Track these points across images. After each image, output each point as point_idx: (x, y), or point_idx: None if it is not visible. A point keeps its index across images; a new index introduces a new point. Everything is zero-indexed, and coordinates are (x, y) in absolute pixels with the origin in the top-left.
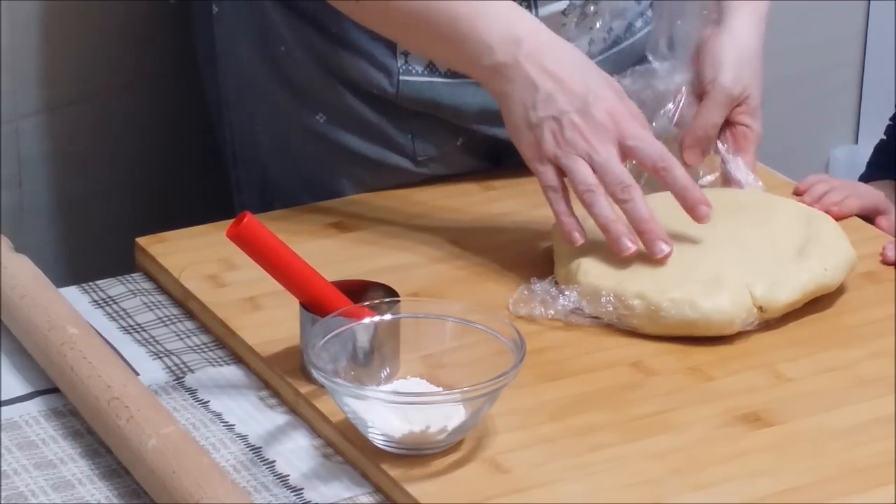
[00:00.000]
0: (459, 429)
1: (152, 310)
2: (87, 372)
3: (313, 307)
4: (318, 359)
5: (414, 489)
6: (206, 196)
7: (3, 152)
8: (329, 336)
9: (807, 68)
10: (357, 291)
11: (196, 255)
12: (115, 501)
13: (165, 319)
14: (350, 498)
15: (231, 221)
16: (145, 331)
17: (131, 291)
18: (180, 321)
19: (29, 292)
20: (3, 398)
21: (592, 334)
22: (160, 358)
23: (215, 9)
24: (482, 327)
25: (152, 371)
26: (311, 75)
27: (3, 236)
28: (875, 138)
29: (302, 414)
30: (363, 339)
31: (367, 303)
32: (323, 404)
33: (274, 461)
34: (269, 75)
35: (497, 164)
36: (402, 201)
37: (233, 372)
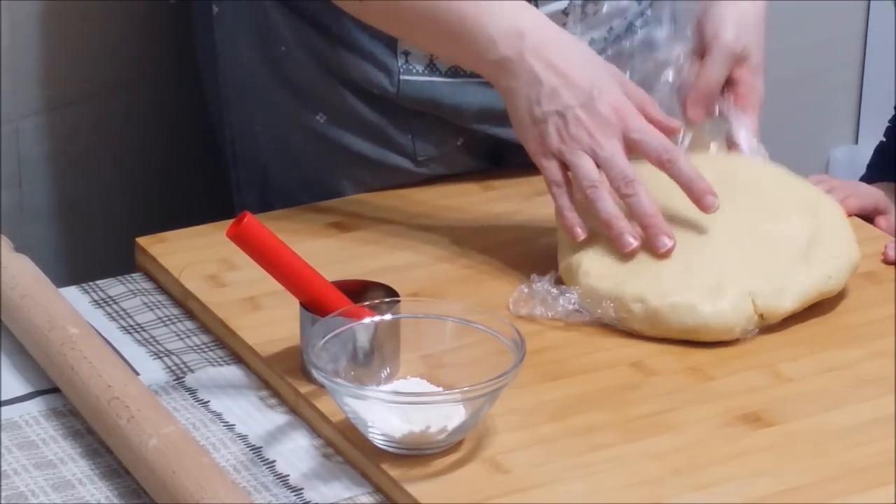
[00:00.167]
0: (459, 429)
1: (152, 310)
2: (88, 372)
3: (313, 307)
4: (318, 359)
5: (414, 489)
6: (206, 196)
7: (3, 152)
8: (329, 336)
9: (807, 68)
10: (357, 291)
11: (196, 255)
12: (116, 501)
13: (165, 319)
14: (350, 498)
15: (231, 221)
16: (145, 331)
17: (131, 291)
18: (180, 321)
19: (29, 292)
20: (3, 398)
21: (592, 334)
22: (160, 358)
23: (215, 9)
24: (482, 327)
25: (152, 371)
26: (312, 75)
27: (3, 236)
28: (875, 139)
29: (302, 414)
30: (363, 339)
31: (367, 303)
32: (323, 404)
33: (274, 461)
34: (270, 75)
35: (497, 164)
36: (403, 201)
37: (233, 372)
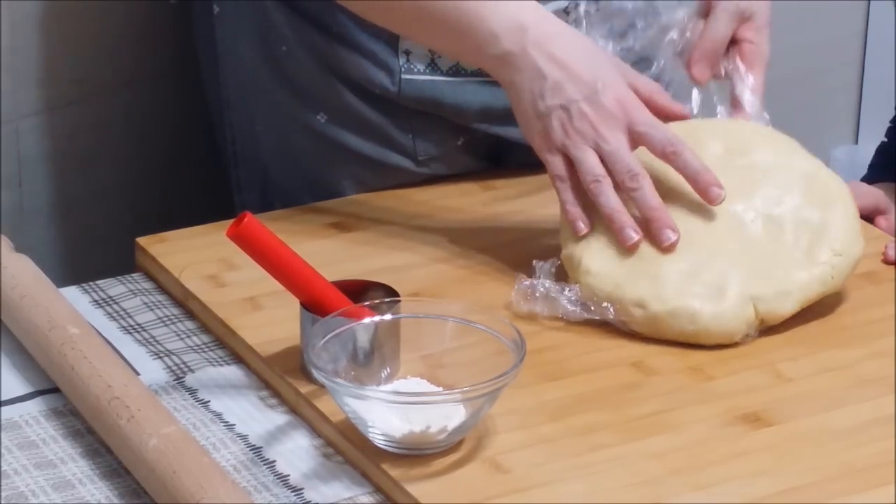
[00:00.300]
0: (459, 429)
1: (152, 310)
2: (88, 372)
3: (313, 307)
4: (319, 359)
5: (414, 489)
6: (206, 196)
7: (3, 152)
8: (329, 336)
9: (807, 68)
10: (357, 291)
11: (196, 255)
12: (116, 501)
13: (165, 319)
14: (350, 498)
15: (231, 221)
16: (145, 331)
17: (131, 291)
18: (180, 321)
19: (29, 292)
20: (3, 398)
21: (592, 334)
22: (160, 358)
23: (216, 9)
24: (482, 327)
25: (153, 371)
26: (313, 75)
27: (3, 236)
28: (875, 138)
29: (302, 414)
30: (363, 339)
31: (368, 303)
32: (323, 404)
33: (274, 461)
34: (271, 75)
35: (498, 164)
36: (403, 201)
37: (233, 372)
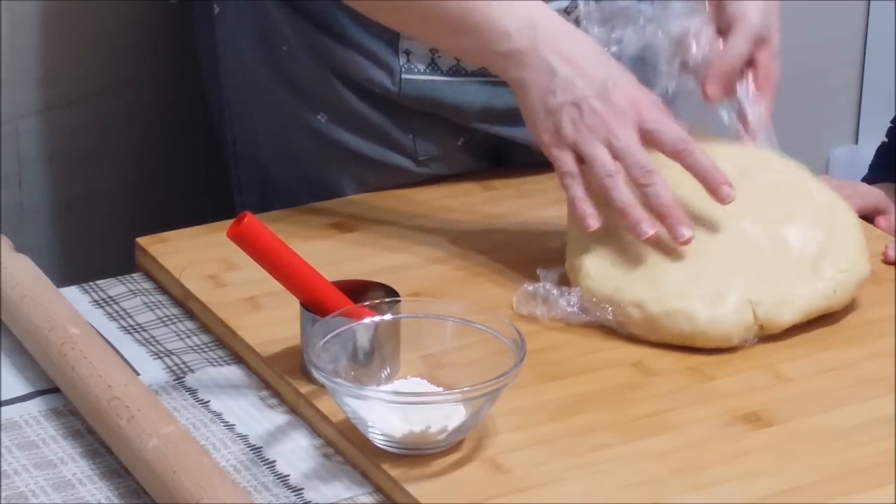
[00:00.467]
0: (459, 429)
1: (152, 310)
2: (88, 372)
3: (313, 307)
4: (319, 359)
5: (414, 489)
6: (206, 196)
7: (3, 152)
8: (329, 336)
9: (807, 68)
10: (357, 291)
11: (196, 255)
12: (116, 501)
13: (165, 319)
14: (350, 498)
15: (231, 221)
16: (145, 331)
17: (131, 291)
18: (180, 321)
19: (29, 292)
20: (3, 398)
21: (592, 335)
22: (160, 358)
23: (216, 9)
24: (482, 327)
25: (153, 371)
26: (313, 75)
27: (3, 236)
28: (875, 139)
29: (302, 414)
30: (363, 339)
31: (368, 303)
32: (323, 404)
33: (274, 461)
34: (271, 75)
35: (498, 164)
36: (403, 201)
37: (233, 372)
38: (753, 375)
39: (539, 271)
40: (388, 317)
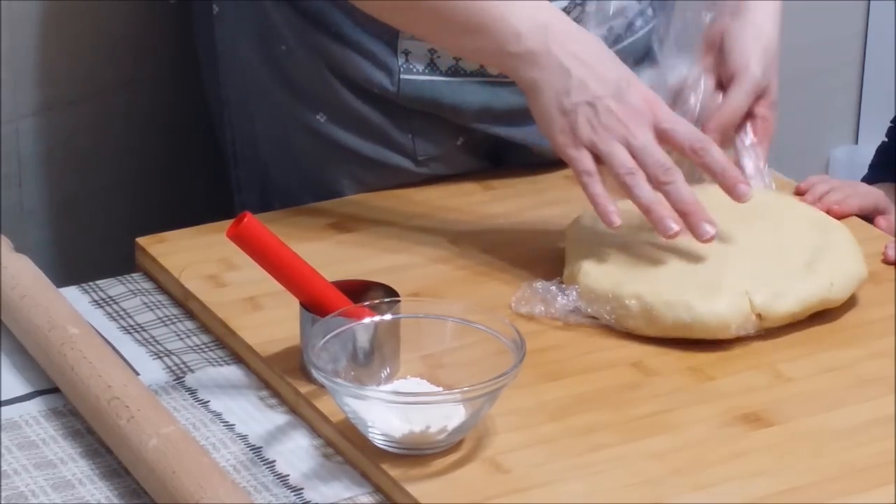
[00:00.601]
0: (459, 429)
1: (152, 310)
2: (88, 372)
3: (313, 307)
4: (318, 359)
5: (414, 489)
6: (206, 196)
7: (3, 152)
8: (329, 336)
9: (807, 68)
10: (357, 291)
11: (196, 255)
12: (116, 501)
13: (165, 319)
14: (350, 498)
15: (231, 221)
16: (145, 331)
17: (131, 291)
18: (180, 321)
19: (29, 292)
20: (3, 398)
21: (592, 334)
22: (160, 358)
23: (216, 9)
24: (482, 327)
25: (152, 371)
26: (312, 75)
27: (3, 236)
28: (875, 138)
29: (302, 414)
30: (363, 339)
31: (367, 303)
32: (323, 404)
33: (274, 461)
34: (270, 75)
35: (497, 164)
36: (402, 201)
37: (233, 372)
38: (753, 375)
39: (536, 284)
40: (388, 317)
